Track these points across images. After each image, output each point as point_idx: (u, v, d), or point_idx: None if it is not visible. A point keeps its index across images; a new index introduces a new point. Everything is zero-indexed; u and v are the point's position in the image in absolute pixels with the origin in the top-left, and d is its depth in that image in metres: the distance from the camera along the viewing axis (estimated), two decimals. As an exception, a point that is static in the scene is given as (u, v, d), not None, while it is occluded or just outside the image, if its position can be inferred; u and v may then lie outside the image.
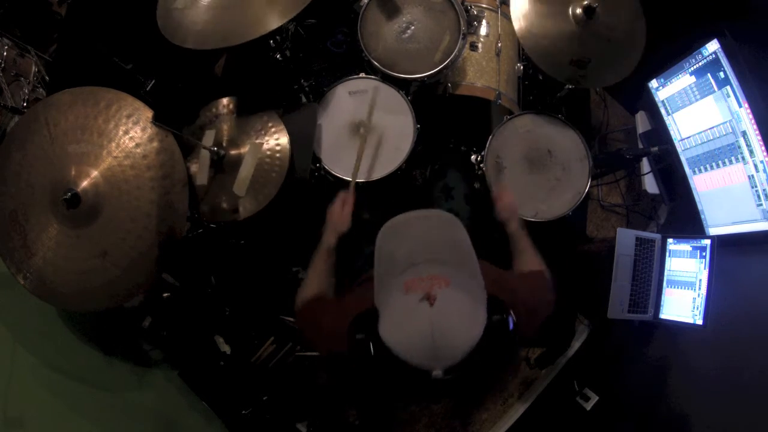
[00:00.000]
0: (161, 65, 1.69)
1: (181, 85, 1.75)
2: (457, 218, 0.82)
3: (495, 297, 0.76)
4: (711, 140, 1.63)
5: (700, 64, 1.63)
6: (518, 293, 0.89)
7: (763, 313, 1.40)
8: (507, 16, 1.77)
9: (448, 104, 1.72)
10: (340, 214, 1.16)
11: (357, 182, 1.56)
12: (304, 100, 1.77)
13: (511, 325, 0.75)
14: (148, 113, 1.30)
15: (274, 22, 1.26)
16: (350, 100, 1.64)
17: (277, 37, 1.64)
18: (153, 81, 1.65)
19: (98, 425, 1.34)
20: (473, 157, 1.70)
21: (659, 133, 1.86)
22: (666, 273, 1.73)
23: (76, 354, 1.48)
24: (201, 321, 1.79)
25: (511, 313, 0.76)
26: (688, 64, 1.67)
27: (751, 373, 1.34)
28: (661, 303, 1.71)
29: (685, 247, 1.69)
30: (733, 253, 1.58)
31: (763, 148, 1.46)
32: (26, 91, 1.82)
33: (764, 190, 1.49)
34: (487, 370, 0.73)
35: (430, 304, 0.67)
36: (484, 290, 0.76)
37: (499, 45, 1.72)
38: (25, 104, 1.77)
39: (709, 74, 1.60)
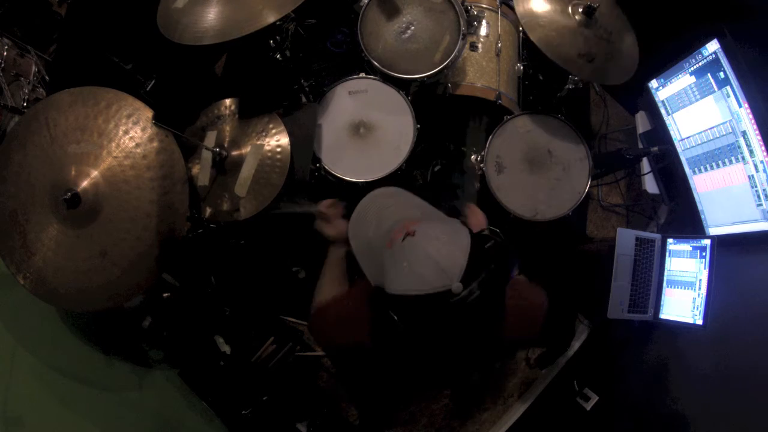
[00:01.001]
0: (161, 65, 1.69)
1: (181, 85, 1.75)
2: (397, 187, 0.89)
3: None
4: (711, 140, 1.63)
5: (700, 64, 1.63)
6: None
7: (763, 313, 1.40)
8: (507, 17, 1.78)
9: (448, 104, 1.72)
10: (328, 229, 1.16)
11: (357, 182, 1.57)
12: (304, 100, 1.77)
13: (493, 233, 0.79)
14: (148, 113, 1.30)
15: (271, 16, 1.26)
16: (350, 100, 1.64)
17: (277, 37, 1.64)
18: (153, 81, 1.65)
19: (98, 425, 1.34)
20: (473, 157, 1.70)
21: (659, 133, 1.86)
22: (666, 273, 1.73)
23: (76, 354, 1.48)
24: (201, 321, 1.79)
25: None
26: (688, 64, 1.67)
27: (751, 373, 1.34)
28: (661, 303, 1.71)
29: (685, 247, 1.69)
30: (733, 253, 1.58)
31: (763, 148, 1.46)
32: (26, 91, 1.81)
33: (764, 190, 1.49)
34: (499, 286, 0.75)
35: (412, 236, 0.73)
36: (454, 219, 0.81)
37: (499, 45, 1.72)
38: (25, 104, 1.77)
39: (709, 74, 1.60)
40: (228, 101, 1.57)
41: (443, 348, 0.80)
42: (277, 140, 1.49)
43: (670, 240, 1.75)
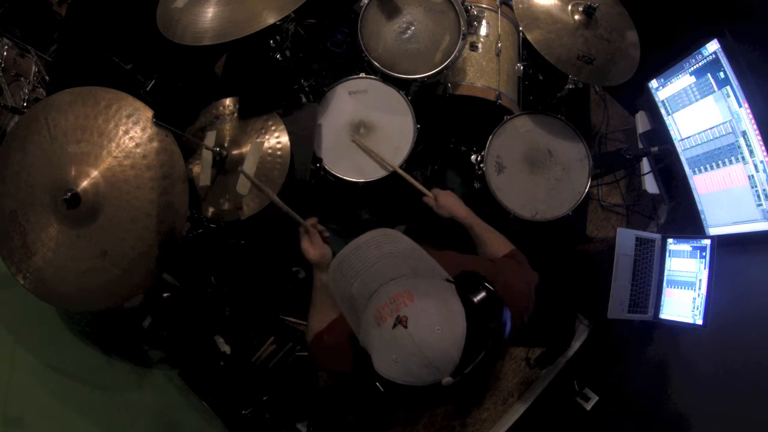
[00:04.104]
0: (161, 65, 1.69)
1: (181, 85, 1.75)
2: (387, 229, 0.81)
3: (465, 272, 0.76)
4: (711, 140, 1.63)
5: (700, 64, 1.63)
6: (493, 275, 0.87)
7: (763, 313, 1.40)
8: (507, 17, 1.78)
9: (448, 104, 1.72)
10: (312, 250, 1.14)
11: (358, 183, 1.57)
12: (304, 100, 1.76)
13: (489, 294, 0.73)
14: (148, 113, 1.30)
15: (271, 17, 1.26)
16: (350, 100, 1.64)
17: (277, 37, 1.63)
18: (153, 81, 1.65)
19: (98, 425, 1.34)
20: (473, 157, 1.70)
21: (659, 133, 1.86)
22: (666, 273, 1.73)
23: (76, 354, 1.47)
24: (201, 321, 1.79)
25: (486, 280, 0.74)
26: (688, 64, 1.67)
27: (751, 373, 1.34)
28: (661, 303, 1.71)
29: (685, 247, 1.69)
30: (733, 253, 1.58)
31: (763, 148, 1.46)
32: (26, 91, 1.81)
33: (764, 190, 1.49)
34: (494, 350, 0.71)
35: (404, 327, 0.67)
36: (448, 281, 0.75)
37: (499, 45, 1.72)
38: (25, 104, 1.77)
39: (709, 74, 1.60)
40: (227, 101, 1.57)
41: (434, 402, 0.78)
42: (277, 138, 1.49)
43: (670, 240, 1.75)
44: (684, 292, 1.64)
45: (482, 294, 0.72)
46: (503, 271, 1.00)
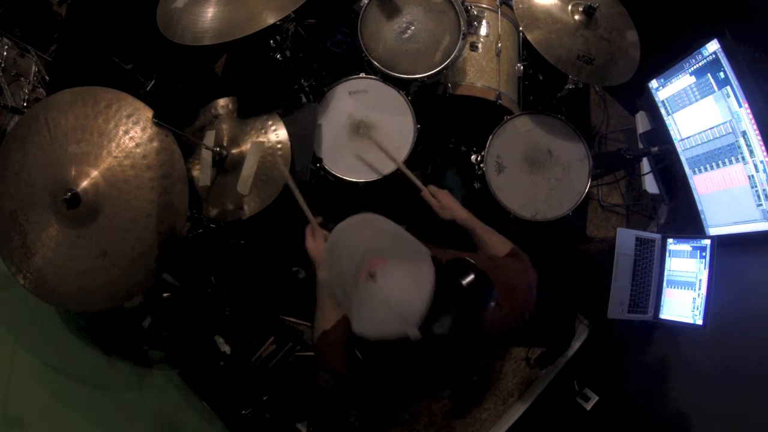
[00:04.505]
0: (161, 65, 1.69)
1: (181, 85, 1.75)
2: (371, 213, 0.88)
3: (456, 259, 0.79)
4: (711, 140, 1.63)
5: (700, 64, 1.63)
6: (492, 270, 0.89)
7: (763, 313, 1.40)
8: (507, 17, 1.78)
9: (448, 104, 1.72)
10: (316, 248, 1.15)
11: (358, 183, 1.57)
12: (304, 100, 1.76)
13: (474, 279, 0.76)
14: (148, 113, 1.30)
15: (271, 17, 1.26)
16: (350, 100, 1.64)
17: (277, 37, 1.63)
18: (153, 81, 1.65)
19: (98, 425, 1.34)
20: (473, 157, 1.70)
21: (659, 133, 1.86)
22: (666, 273, 1.73)
23: (76, 354, 1.48)
24: (201, 321, 1.79)
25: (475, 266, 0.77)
26: (688, 64, 1.67)
27: (751, 373, 1.34)
28: (661, 303, 1.71)
29: (685, 247, 1.69)
30: (733, 253, 1.58)
31: (763, 148, 1.46)
32: (26, 91, 1.81)
33: (764, 190, 1.49)
34: (466, 329, 0.74)
35: (375, 281, 0.72)
36: (425, 253, 0.79)
37: (499, 45, 1.72)
38: (25, 104, 1.77)
39: (709, 74, 1.60)
40: (225, 100, 1.57)
41: (417, 379, 0.80)
42: (277, 137, 1.49)
43: (670, 240, 1.75)
44: (684, 292, 1.64)
45: (462, 270, 0.76)
46: (504, 268, 1.00)
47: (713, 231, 1.67)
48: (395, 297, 0.70)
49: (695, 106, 1.68)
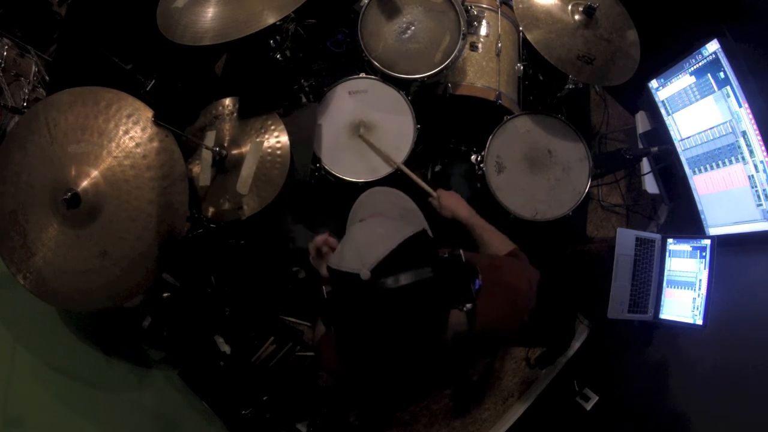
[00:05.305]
0: (161, 65, 1.69)
1: (181, 85, 1.75)
2: (401, 192, 0.98)
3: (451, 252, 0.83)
4: (711, 140, 1.63)
5: (700, 64, 1.63)
6: (491, 269, 0.90)
7: (763, 313, 1.40)
8: (507, 17, 1.78)
9: (448, 104, 1.72)
10: (323, 268, 1.10)
11: (358, 183, 1.57)
12: (304, 100, 1.77)
13: (450, 257, 0.80)
14: (148, 113, 1.30)
15: (271, 17, 1.26)
16: (350, 100, 1.64)
17: (278, 37, 1.63)
18: (153, 81, 1.65)
19: (98, 425, 1.34)
20: (473, 157, 1.70)
21: (659, 133, 1.86)
22: (666, 273, 1.73)
23: (76, 354, 1.48)
24: (201, 321, 1.79)
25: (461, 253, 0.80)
26: (688, 64, 1.67)
27: (751, 373, 1.34)
28: (661, 303, 1.71)
29: (685, 247, 1.69)
30: (733, 253, 1.58)
31: (763, 148, 1.46)
32: (26, 91, 1.81)
33: (764, 190, 1.49)
34: (424, 299, 0.75)
35: (360, 222, 0.82)
36: (418, 224, 0.85)
37: (499, 45, 1.72)
38: (25, 104, 1.77)
39: (709, 74, 1.60)
40: (227, 101, 1.57)
41: (384, 350, 0.80)
42: (277, 137, 1.50)
43: (670, 240, 1.75)
44: (684, 292, 1.64)
45: (452, 256, 0.79)
46: (504, 268, 1.00)
47: (713, 231, 1.67)
48: (363, 238, 0.77)
49: (695, 106, 1.68)
